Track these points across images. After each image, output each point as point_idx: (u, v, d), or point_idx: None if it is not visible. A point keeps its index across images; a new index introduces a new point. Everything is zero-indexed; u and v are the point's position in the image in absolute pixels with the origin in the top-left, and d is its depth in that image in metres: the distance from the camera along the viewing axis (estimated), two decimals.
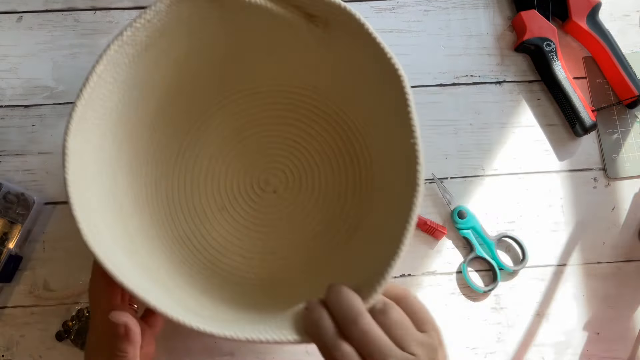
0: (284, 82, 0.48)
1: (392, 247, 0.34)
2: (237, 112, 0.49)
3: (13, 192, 0.47)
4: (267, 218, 0.49)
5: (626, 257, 0.52)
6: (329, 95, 0.47)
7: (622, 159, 0.54)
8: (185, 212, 0.47)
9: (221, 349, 0.48)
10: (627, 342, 0.51)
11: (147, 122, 0.45)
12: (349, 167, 0.48)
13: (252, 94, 0.49)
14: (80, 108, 0.35)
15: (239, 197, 0.49)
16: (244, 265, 0.47)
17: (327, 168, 0.48)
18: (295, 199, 0.49)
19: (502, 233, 0.51)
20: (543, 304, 0.51)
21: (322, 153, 0.49)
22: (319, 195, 0.48)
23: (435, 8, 0.56)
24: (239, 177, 0.49)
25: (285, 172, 0.49)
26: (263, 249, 0.48)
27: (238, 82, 0.48)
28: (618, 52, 0.54)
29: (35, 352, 0.47)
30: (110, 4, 0.54)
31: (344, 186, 0.48)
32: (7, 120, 0.51)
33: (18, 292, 0.48)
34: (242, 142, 0.49)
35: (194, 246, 0.47)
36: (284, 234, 0.48)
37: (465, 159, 0.53)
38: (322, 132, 0.49)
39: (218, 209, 0.48)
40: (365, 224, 0.45)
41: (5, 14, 0.53)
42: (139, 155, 0.45)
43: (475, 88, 0.55)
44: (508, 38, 0.56)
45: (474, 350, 0.49)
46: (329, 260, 0.46)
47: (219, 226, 0.48)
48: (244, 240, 0.48)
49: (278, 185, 0.49)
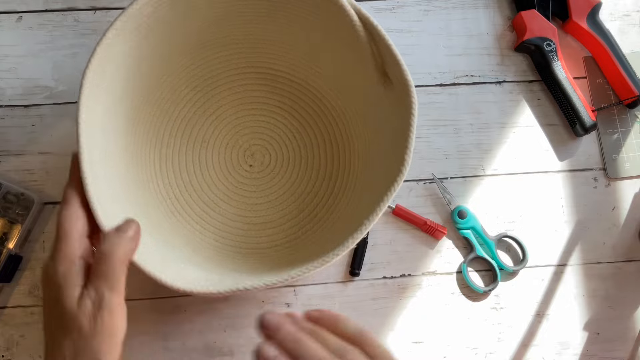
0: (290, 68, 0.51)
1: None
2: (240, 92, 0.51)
3: (13, 192, 0.47)
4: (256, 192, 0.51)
5: (626, 257, 0.52)
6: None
7: (622, 159, 0.54)
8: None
9: (221, 349, 0.48)
10: (627, 342, 0.51)
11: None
12: (335, 154, 0.50)
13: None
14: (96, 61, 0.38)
15: (231, 170, 0.51)
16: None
17: (314, 151, 0.51)
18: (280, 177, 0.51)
19: (502, 233, 0.51)
20: (543, 304, 0.51)
21: (308, 137, 0.51)
22: (302, 175, 0.51)
23: (435, 8, 0.56)
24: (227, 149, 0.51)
25: (268, 150, 0.51)
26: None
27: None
28: (618, 52, 0.54)
29: (35, 352, 0.47)
30: (110, 3, 0.54)
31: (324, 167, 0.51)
32: (7, 120, 0.51)
33: (18, 292, 0.48)
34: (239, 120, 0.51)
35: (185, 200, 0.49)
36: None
37: (465, 159, 0.53)
38: (311, 121, 0.51)
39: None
40: (342, 202, 0.48)
41: (5, 14, 0.53)
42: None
43: (475, 88, 0.55)
44: (508, 38, 0.56)
45: (474, 350, 0.49)
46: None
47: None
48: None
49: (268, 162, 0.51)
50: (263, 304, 0.49)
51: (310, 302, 0.49)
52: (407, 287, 0.50)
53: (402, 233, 0.51)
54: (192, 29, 0.45)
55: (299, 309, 0.49)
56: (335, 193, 0.49)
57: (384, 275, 0.50)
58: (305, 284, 0.50)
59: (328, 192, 0.49)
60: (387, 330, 0.49)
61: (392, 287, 0.50)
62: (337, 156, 0.50)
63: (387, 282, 0.50)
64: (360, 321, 0.49)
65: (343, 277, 0.50)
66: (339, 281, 0.50)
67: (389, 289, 0.50)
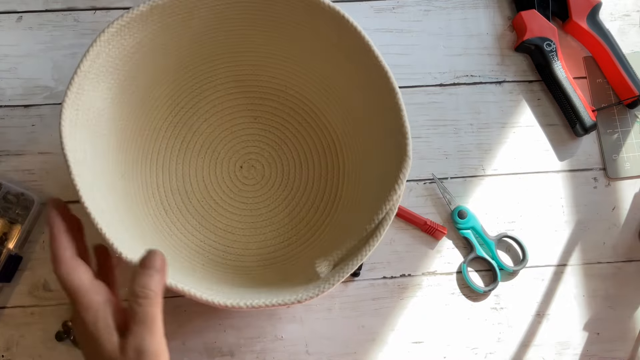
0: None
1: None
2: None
3: (13, 192, 0.47)
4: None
5: (626, 257, 0.52)
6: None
7: (623, 158, 0.54)
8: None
9: (221, 349, 0.48)
10: (627, 342, 0.51)
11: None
12: (329, 174, 0.50)
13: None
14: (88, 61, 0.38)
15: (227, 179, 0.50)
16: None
17: (310, 164, 0.50)
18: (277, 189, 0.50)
19: (502, 233, 0.51)
20: (543, 304, 0.51)
21: (303, 150, 0.51)
22: (304, 185, 0.50)
23: (435, 8, 0.56)
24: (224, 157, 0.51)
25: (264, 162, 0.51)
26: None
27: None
28: (618, 52, 0.54)
29: (35, 352, 0.47)
30: (110, 4, 0.54)
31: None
32: (7, 120, 0.51)
33: (18, 292, 0.48)
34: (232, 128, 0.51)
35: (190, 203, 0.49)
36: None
37: (465, 159, 0.53)
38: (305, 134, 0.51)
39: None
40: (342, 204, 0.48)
41: (5, 13, 0.53)
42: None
43: (475, 88, 0.55)
44: (508, 38, 0.56)
45: (474, 350, 0.49)
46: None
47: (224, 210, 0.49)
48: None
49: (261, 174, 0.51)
50: None
51: (310, 302, 0.49)
52: (407, 287, 0.50)
53: (402, 233, 0.51)
54: (175, 46, 0.45)
55: (299, 309, 0.49)
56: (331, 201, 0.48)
57: (384, 275, 0.50)
58: None
59: (323, 203, 0.49)
60: (387, 330, 0.49)
61: (392, 287, 0.50)
62: (330, 164, 0.49)
63: (387, 282, 0.50)
64: (360, 321, 0.49)
65: None
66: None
67: (389, 289, 0.50)
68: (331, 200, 0.48)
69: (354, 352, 0.49)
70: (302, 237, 0.48)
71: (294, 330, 0.49)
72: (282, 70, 0.49)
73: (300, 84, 0.49)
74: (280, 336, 0.48)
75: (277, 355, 0.48)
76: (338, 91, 0.47)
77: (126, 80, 0.43)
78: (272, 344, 0.48)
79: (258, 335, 0.48)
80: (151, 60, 0.44)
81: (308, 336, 0.49)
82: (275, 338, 0.48)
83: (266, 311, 0.49)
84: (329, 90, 0.48)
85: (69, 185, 0.49)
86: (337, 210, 0.47)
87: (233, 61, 0.48)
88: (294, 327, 0.49)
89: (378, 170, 0.43)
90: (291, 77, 0.49)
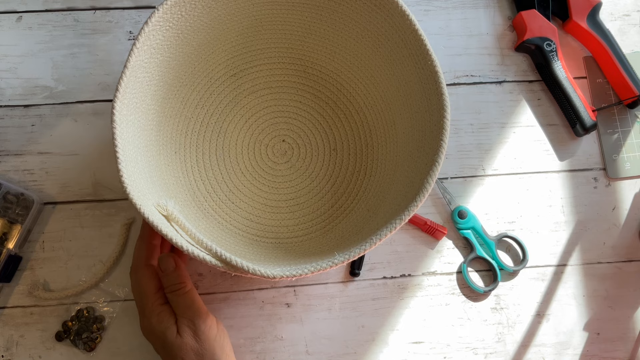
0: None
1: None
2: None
3: (13, 192, 0.47)
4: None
5: (626, 257, 0.52)
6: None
7: (623, 159, 0.54)
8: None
9: None
10: (627, 342, 0.51)
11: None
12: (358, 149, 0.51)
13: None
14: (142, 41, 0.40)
15: (259, 160, 0.52)
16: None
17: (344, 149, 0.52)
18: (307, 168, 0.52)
19: (502, 233, 0.51)
20: (543, 304, 0.51)
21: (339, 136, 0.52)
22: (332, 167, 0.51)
23: (435, 8, 0.56)
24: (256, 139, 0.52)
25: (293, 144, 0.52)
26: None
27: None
28: (618, 51, 0.54)
29: (35, 352, 0.47)
30: (110, 3, 0.54)
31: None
32: (6, 120, 0.51)
33: (18, 292, 0.48)
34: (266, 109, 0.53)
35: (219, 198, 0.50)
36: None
37: (465, 159, 0.53)
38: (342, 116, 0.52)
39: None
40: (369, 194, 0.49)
41: (5, 13, 0.53)
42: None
43: (475, 88, 0.55)
44: (508, 38, 0.56)
45: (474, 350, 0.49)
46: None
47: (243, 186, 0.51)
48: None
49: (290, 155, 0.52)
50: (263, 304, 0.49)
51: (310, 302, 0.49)
52: (407, 287, 0.50)
53: (402, 233, 0.51)
54: (231, 25, 0.47)
55: (299, 309, 0.49)
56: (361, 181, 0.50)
57: (384, 275, 0.50)
58: (305, 284, 0.50)
59: (351, 184, 0.50)
60: (387, 330, 0.49)
61: (392, 287, 0.50)
62: (365, 148, 0.51)
63: (387, 282, 0.50)
64: (360, 321, 0.49)
65: (343, 277, 0.50)
66: (339, 281, 0.50)
67: (389, 289, 0.50)
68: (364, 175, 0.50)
69: (354, 352, 0.49)
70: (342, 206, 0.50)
71: (294, 330, 0.49)
72: (330, 58, 0.51)
73: (349, 74, 0.51)
74: (280, 336, 0.48)
75: (277, 356, 0.48)
76: (389, 93, 0.49)
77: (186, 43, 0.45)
78: (272, 344, 0.48)
79: (258, 335, 0.48)
80: (210, 28, 0.46)
81: (308, 336, 0.49)
82: (275, 338, 0.48)
83: (266, 311, 0.49)
84: (374, 85, 0.50)
85: (69, 185, 0.50)
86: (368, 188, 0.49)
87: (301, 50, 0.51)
88: (294, 327, 0.49)
89: (413, 143, 0.45)
90: (340, 65, 0.51)
